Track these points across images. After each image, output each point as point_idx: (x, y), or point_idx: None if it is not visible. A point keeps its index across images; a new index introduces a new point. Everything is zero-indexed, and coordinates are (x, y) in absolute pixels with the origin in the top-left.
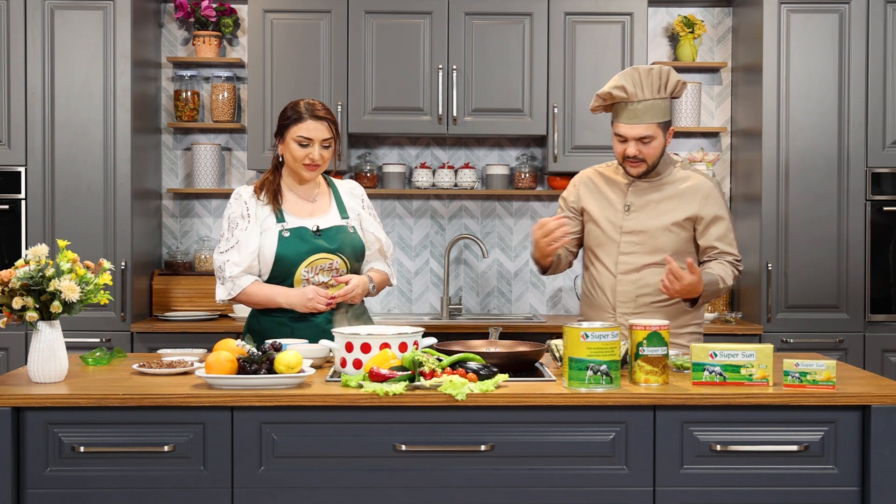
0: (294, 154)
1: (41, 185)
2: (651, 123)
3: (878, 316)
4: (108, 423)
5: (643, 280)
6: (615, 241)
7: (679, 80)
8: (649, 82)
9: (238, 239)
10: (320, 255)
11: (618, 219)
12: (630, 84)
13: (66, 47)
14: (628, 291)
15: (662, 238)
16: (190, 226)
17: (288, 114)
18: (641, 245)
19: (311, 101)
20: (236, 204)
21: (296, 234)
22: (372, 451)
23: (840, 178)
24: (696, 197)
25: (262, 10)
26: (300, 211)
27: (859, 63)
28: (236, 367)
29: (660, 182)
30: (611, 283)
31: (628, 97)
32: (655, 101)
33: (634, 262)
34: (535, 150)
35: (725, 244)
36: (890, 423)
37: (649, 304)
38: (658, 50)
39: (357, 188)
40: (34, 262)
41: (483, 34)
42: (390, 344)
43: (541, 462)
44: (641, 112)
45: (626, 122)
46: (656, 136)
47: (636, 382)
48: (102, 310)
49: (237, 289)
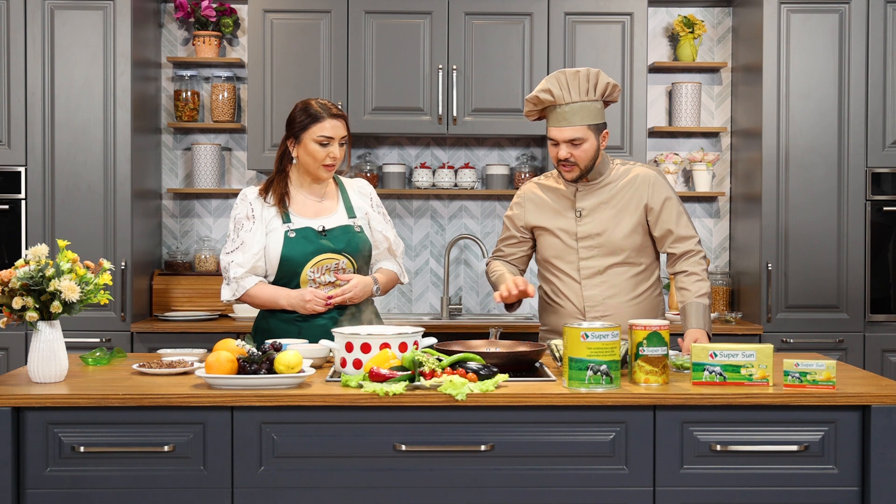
0: (314, 155)
1: (41, 185)
2: (580, 126)
3: (878, 316)
4: (108, 423)
5: (609, 281)
6: (573, 248)
7: (609, 82)
8: (576, 84)
9: (243, 240)
10: (326, 255)
11: (571, 226)
12: (556, 87)
13: (66, 47)
14: (595, 295)
15: (619, 236)
16: (190, 226)
17: (302, 116)
18: (601, 247)
19: (322, 101)
20: (242, 205)
21: (301, 234)
22: (372, 451)
23: (840, 177)
24: (643, 187)
25: (262, 10)
26: (306, 211)
27: (859, 63)
28: (236, 367)
29: (603, 182)
30: (575, 289)
31: (555, 100)
32: (584, 104)
33: (597, 265)
34: (535, 150)
35: (682, 228)
36: (890, 423)
37: (618, 305)
38: (658, 50)
39: (366, 187)
40: (34, 262)
41: (483, 34)
42: (390, 344)
43: (541, 462)
44: (570, 114)
45: (555, 126)
46: (587, 139)
47: (636, 382)
48: (102, 310)
49: (241, 290)
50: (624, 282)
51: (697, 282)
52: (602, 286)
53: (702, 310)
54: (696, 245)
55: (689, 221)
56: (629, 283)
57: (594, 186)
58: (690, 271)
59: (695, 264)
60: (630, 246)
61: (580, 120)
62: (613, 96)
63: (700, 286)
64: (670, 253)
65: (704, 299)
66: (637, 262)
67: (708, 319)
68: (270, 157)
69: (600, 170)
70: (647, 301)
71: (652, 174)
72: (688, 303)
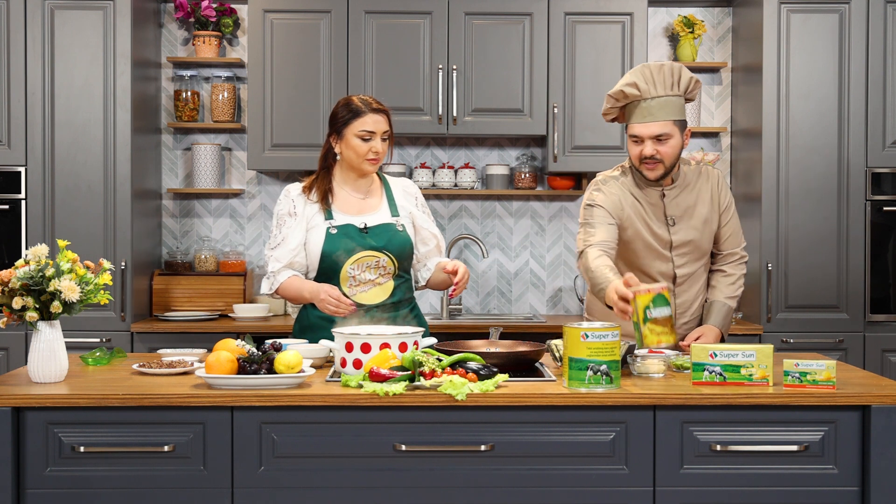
0: (357, 150)
1: (41, 185)
2: (666, 121)
3: (878, 316)
4: (108, 423)
5: (695, 286)
6: (667, 257)
7: (692, 77)
8: (661, 78)
9: (284, 236)
10: (366, 252)
11: (665, 234)
12: (642, 81)
13: (66, 47)
14: (686, 301)
15: (706, 240)
16: (190, 226)
17: (344, 112)
18: (691, 254)
19: (363, 97)
20: (285, 201)
21: (343, 231)
22: (372, 451)
23: (840, 178)
24: (715, 187)
25: (262, 10)
26: (349, 208)
27: (859, 63)
28: (236, 367)
29: (681, 185)
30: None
31: (641, 94)
32: (669, 98)
33: (689, 271)
34: (535, 150)
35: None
36: (890, 423)
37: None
38: (658, 50)
39: (411, 186)
40: (34, 262)
41: (483, 34)
42: (390, 344)
43: (541, 462)
44: (655, 109)
45: (639, 122)
46: (673, 135)
47: (649, 346)
48: (102, 310)
49: (276, 283)
50: (703, 283)
51: (731, 284)
52: (692, 289)
53: (725, 310)
54: (743, 250)
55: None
56: (704, 283)
57: (678, 189)
58: (728, 272)
59: (735, 266)
60: (710, 248)
61: (665, 115)
62: (694, 93)
63: (732, 289)
64: (718, 252)
65: (732, 302)
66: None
67: (728, 322)
68: (271, 157)
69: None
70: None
71: (718, 173)
72: (714, 300)
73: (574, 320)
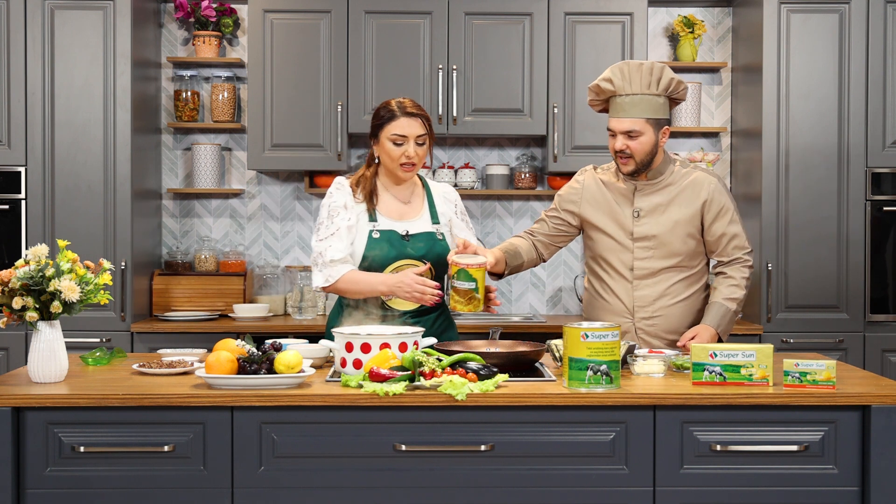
0: (390, 154)
1: (41, 185)
2: (638, 118)
3: (878, 316)
4: (108, 423)
5: (661, 283)
6: (628, 247)
7: (674, 78)
8: (639, 76)
9: (339, 226)
10: (407, 260)
11: (628, 225)
12: (618, 77)
13: (66, 47)
14: (646, 296)
15: (675, 242)
16: (190, 226)
17: (381, 114)
18: (656, 249)
19: (401, 100)
20: (338, 193)
21: (385, 236)
22: (372, 451)
23: (840, 177)
24: (703, 192)
25: (262, 10)
26: (392, 212)
27: (859, 63)
28: (236, 367)
29: (663, 183)
30: (627, 288)
31: (615, 90)
32: (645, 97)
33: (651, 266)
34: (535, 150)
35: (735, 238)
36: (890, 423)
37: (668, 307)
38: (658, 50)
39: (451, 193)
40: (34, 262)
41: (483, 34)
42: (390, 344)
43: (541, 462)
44: (629, 106)
45: (613, 116)
46: (644, 132)
47: (453, 309)
48: (102, 310)
49: (336, 274)
50: (675, 285)
51: (732, 286)
52: (654, 287)
53: (722, 311)
54: (746, 255)
55: (744, 233)
56: (679, 285)
57: (654, 186)
58: (729, 274)
59: (736, 270)
60: (685, 249)
61: (639, 112)
62: (679, 93)
63: (732, 290)
64: (720, 259)
65: (732, 304)
66: (689, 265)
67: (726, 323)
68: (271, 157)
69: (661, 169)
70: (695, 303)
71: (713, 180)
72: (712, 301)
73: (574, 320)
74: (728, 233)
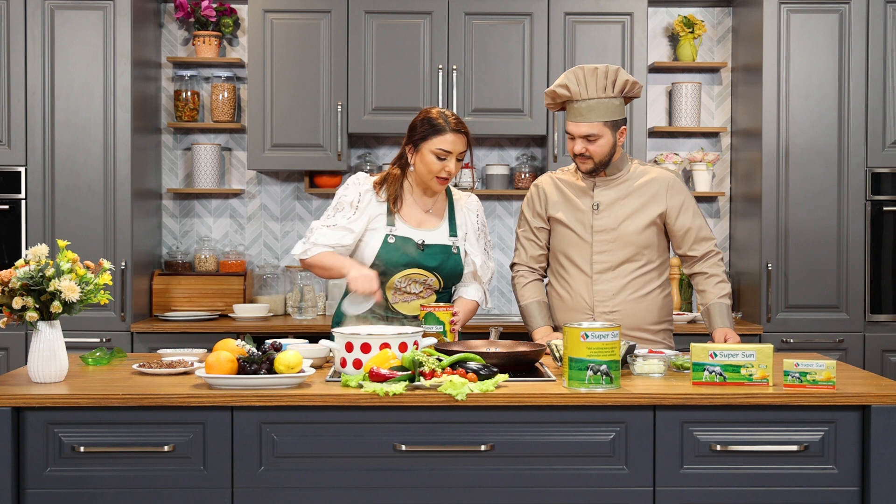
0: (429, 166)
1: (41, 185)
2: (595, 122)
3: (878, 316)
4: (108, 423)
5: (620, 278)
6: (587, 241)
7: (629, 79)
8: (594, 81)
9: (336, 222)
10: (418, 270)
11: (587, 219)
12: (574, 83)
13: (66, 47)
14: (606, 290)
15: (633, 236)
16: (190, 226)
17: (424, 125)
18: (615, 242)
19: (446, 113)
20: (353, 190)
21: (401, 242)
22: (372, 451)
23: (840, 177)
24: (661, 188)
25: (262, 10)
26: (412, 220)
27: (859, 63)
28: (236, 367)
29: (620, 179)
30: (586, 283)
31: (571, 96)
32: (601, 100)
33: (610, 259)
34: (535, 150)
35: (700, 230)
36: (890, 423)
37: (627, 301)
38: (658, 50)
39: (473, 204)
40: (34, 262)
41: (483, 34)
42: (390, 344)
43: (541, 462)
44: (585, 111)
45: (571, 120)
46: (602, 135)
47: None
48: (102, 310)
49: (314, 250)
50: (635, 279)
51: (719, 283)
52: (613, 282)
53: (725, 310)
54: (715, 247)
55: (707, 224)
56: (639, 280)
57: (612, 181)
58: (710, 273)
59: (714, 266)
60: (644, 242)
61: (596, 116)
62: (634, 92)
63: (721, 287)
64: (690, 255)
65: (727, 300)
66: (649, 259)
67: (731, 319)
68: (271, 157)
69: (618, 165)
70: (656, 300)
71: (670, 176)
72: (711, 304)
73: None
74: (694, 226)
